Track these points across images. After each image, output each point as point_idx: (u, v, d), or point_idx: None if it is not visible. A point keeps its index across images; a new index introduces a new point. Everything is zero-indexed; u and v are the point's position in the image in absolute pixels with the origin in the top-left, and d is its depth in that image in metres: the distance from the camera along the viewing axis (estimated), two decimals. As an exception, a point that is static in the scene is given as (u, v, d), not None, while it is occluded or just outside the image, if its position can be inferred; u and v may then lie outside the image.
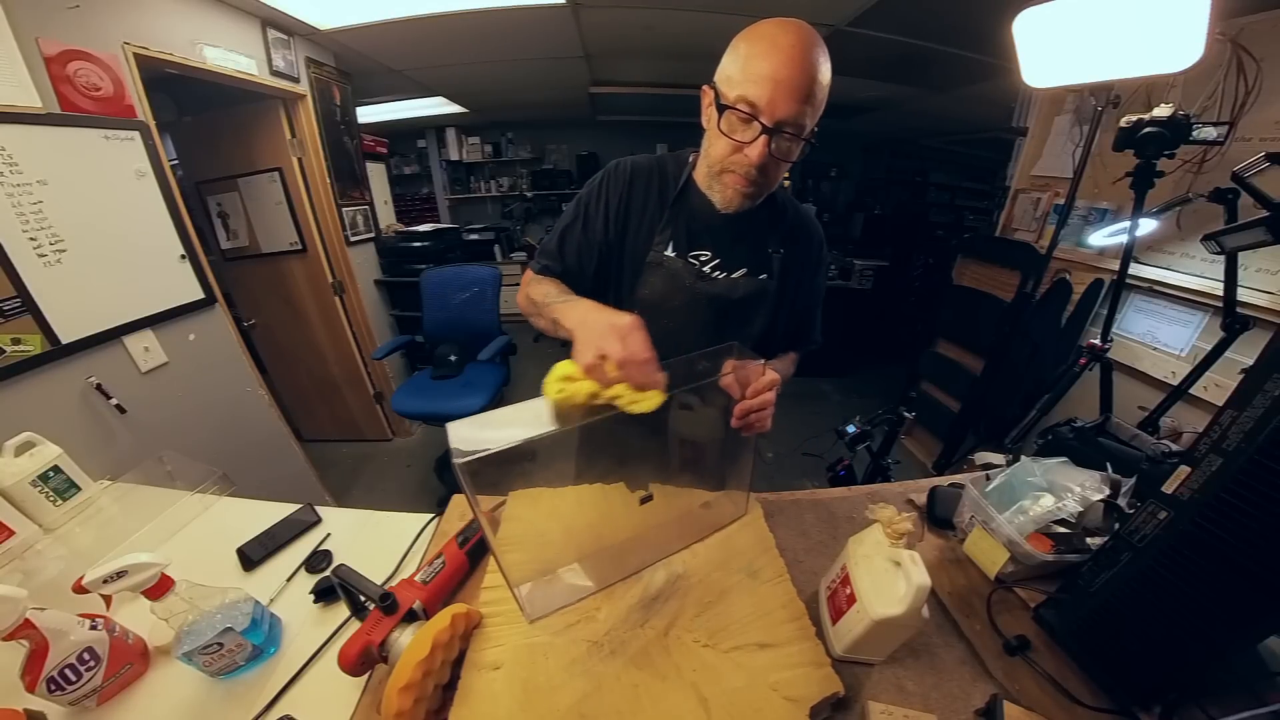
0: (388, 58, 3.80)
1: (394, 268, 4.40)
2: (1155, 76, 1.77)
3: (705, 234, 1.27)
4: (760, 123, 1.00)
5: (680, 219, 1.26)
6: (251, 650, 0.97)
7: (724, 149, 1.09)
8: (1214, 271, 2.18)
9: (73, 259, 1.93)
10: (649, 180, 1.27)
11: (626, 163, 1.29)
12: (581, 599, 1.02)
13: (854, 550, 0.96)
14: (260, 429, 2.93)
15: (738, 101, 1.01)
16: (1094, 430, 1.44)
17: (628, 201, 1.27)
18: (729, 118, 1.04)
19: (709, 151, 1.15)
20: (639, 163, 1.29)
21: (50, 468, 1.36)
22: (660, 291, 1.27)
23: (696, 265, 1.27)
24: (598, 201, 1.27)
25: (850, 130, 6.96)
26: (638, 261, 1.28)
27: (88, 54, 1.99)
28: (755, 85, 0.98)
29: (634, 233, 1.28)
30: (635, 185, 1.27)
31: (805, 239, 1.36)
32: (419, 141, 7.14)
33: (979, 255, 3.77)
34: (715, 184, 1.16)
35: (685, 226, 1.26)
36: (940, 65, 3.73)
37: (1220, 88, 2.22)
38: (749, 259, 1.29)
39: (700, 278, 1.27)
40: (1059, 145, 3.09)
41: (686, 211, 1.26)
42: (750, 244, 1.29)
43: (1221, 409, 0.77)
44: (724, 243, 1.27)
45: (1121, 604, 0.87)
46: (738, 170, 1.09)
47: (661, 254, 1.26)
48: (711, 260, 1.27)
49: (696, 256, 1.27)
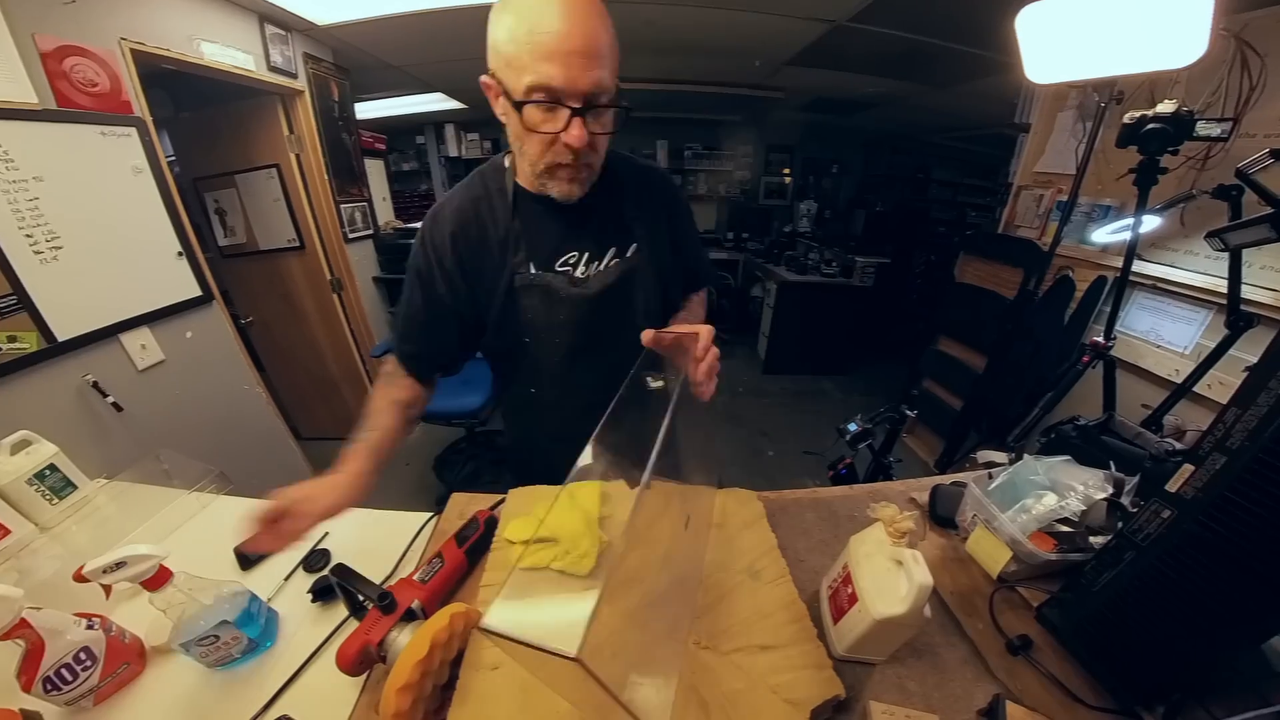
0: (386, 53, 3.80)
1: (393, 265, 4.40)
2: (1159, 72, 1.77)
3: (561, 235, 1.20)
4: (568, 107, 0.91)
5: (529, 233, 1.18)
6: (247, 643, 0.97)
7: (539, 145, 1.00)
8: (1218, 269, 2.19)
9: (69, 256, 1.94)
10: (476, 212, 1.18)
11: (443, 210, 1.19)
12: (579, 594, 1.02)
13: (855, 549, 0.96)
14: (258, 427, 2.94)
15: (532, 92, 0.90)
16: (1097, 428, 1.43)
17: (462, 248, 1.17)
18: (530, 113, 0.93)
19: (525, 151, 1.04)
20: (455, 203, 1.19)
21: (46, 466, 1.35)
22: (544, 312, 1.21)
23: (569, 272, 1.21)
24: (429, 267, 1.18)
25: (852, 126, 6.95)
26: (505, 295, 1.20)
27: (84, 50, 1.99)
28: (546, 65, 0.87)
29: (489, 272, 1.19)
30: (464, 229, 1.17)
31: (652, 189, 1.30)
32: (418, 138, 7.12)
33: (981, 252, 3.77)
34: (549, 181, 1.07)
35: (538, 238, 1.19)
36: (942, 61, 3.72)
37: (1224, 83, 2.22)
38: (614, 237, 1.23)
39: (575, 284, 1.21)
40: (1062, 141, 3.09)
41: (531, 222, 1.18)
42: (607, 222, 1.23)
43: (1225, 407, 0.76)
44: (584, 234, 1.21)
45: (1125, 603, 0.87)
46: (564, 160, 1.01)
47: (528, 275, 1.18)
48: (580, 258, 1.21)
49: (565, 262, 1.21)
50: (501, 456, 4.05)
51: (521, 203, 1.17)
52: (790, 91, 5.15)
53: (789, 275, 5.52)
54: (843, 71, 4.28)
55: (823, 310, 5.52)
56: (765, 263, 6.13)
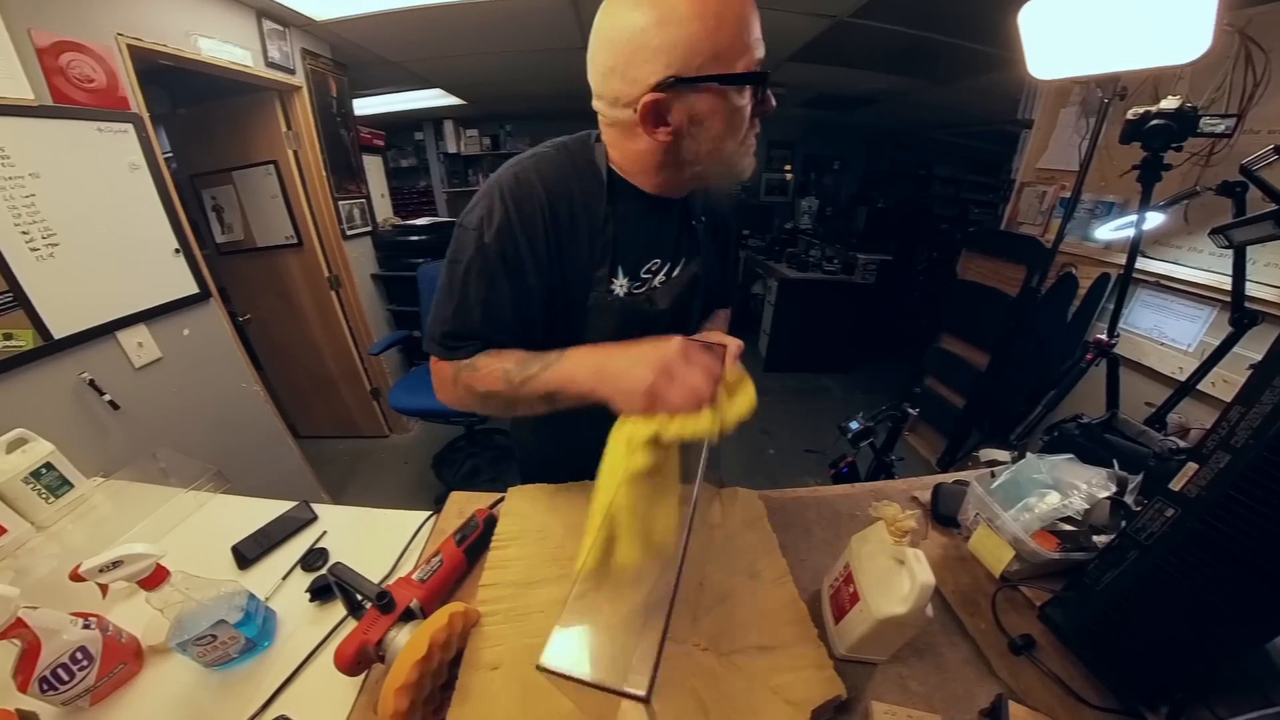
0: (385, 49, 3.78)
1: (391, 262, 4.39)
2: (1162, 68, 1.76)
3: (648, 239, 1.09)
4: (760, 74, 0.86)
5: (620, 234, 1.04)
6: (244, 643, 0.97)
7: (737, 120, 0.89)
8: (1222, 266, 2.18)
9: (65, 253, 1.93)
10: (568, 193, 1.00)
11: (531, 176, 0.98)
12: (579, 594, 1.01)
13: (857, 548, 0.96)
14: (255, 425, 2.93)
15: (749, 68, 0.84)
16: (1100, 426, 1.43)
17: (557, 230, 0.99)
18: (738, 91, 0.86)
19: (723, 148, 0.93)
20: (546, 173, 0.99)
21: (42, 465, 1.35)
22: (611, 328, 1.08)
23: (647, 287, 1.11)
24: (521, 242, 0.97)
25: (853, 122, 6.94)
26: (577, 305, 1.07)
27: (81, 45, 1.98)
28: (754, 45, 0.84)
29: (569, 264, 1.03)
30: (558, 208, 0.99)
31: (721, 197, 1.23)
32: (416, 134, 7.10)
33: (984, 249, 3.77)
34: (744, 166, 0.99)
35: (629, 240, 1.05)
36: (945, 56, 3.72)
37: (1228, 79, 2.22)
38: (688, 243, 1.16)
39: (651, 299, 1.11)
40: (1065, 138, 3.08)
41: (624, 221, 1.03)
42: (685, 224, 1.15)
43: (1230, 405, 0.76)
44: (667, 238, 1.12)
45: (1128, 603, 0.87)
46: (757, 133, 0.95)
47: (606, 292, 1.06)
48: (662, 267, 1.12)
49: (649, 270, 1.10)
50: (500, 454, 4.07)
51: (618, 195, 1.02)
52: (791, 87, 5.13)
53: (790, 272, 5.52)
54: (844, 67, 4.27)
55: (824, 307, 5.51)
56: (766, 260, 6.13)
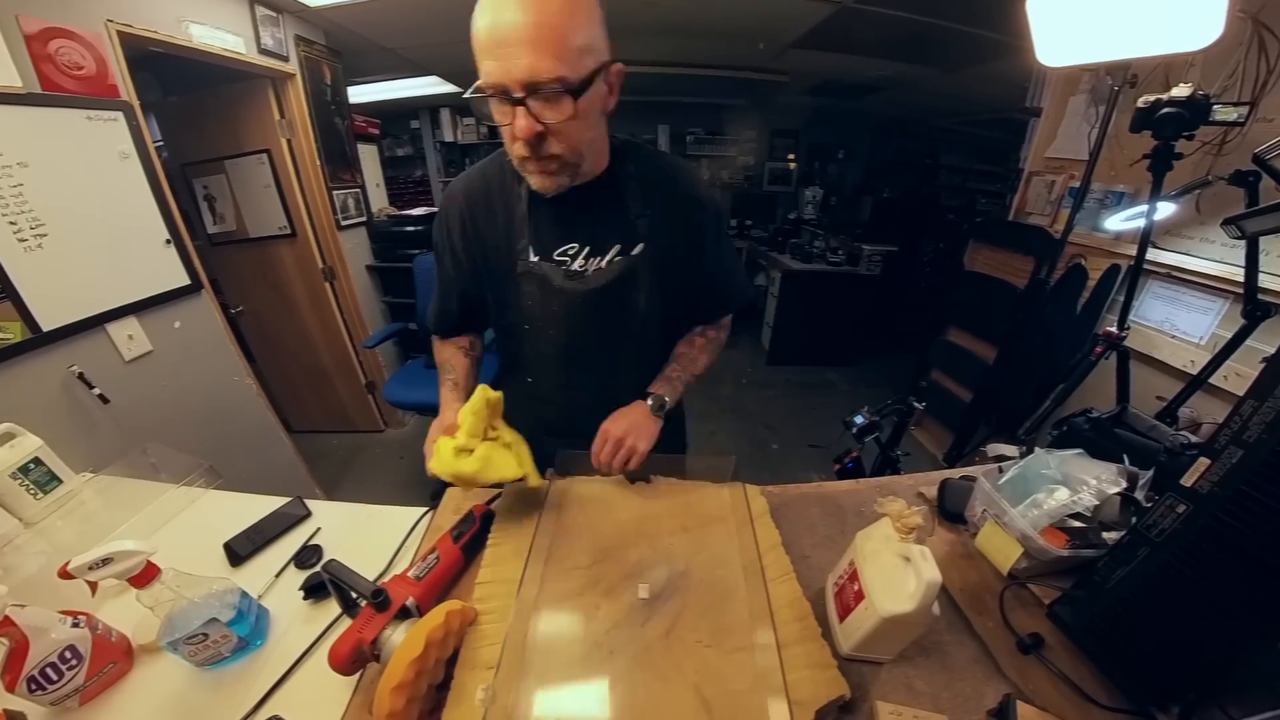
0: (380, 35, 3.78)
1: (386, 252, 4.39)
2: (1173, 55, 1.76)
3: (559, 228, 1.22)
4: (512, 97, 0.91)
5: (535, 219, 1.22)
6: (237, 642, 0.97)
7: (507, 141, 1.02)
8: (1234, 257, 2.18)
9: (54, 244, 1.93)
10: (486, 192, 1.24)
11: (457, 185, 1.29)
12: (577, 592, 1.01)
13: (862, 545, 0.95)
14: (248, 420, 2.93)
15: (484, 89, 0.93)
16: (1110, 421, 1.43)
17: (474, 224, 1.26)
18: (491, 105, 0.96)
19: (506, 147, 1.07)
20: (470, 180, 1.27)
21: (30, 460, 1.35)
22: (539, 300, 1.26)
23: (566, 264, 1.23)
24: (445, 238, 1.31)
25: (858, 110, 6.91)
26: (508, 278, 1.27)
27: (70, 32, 1.97)
28: (488, 59, 0.89)
29: (493, 251, 1.27)
30: (475, 205, 1.25)
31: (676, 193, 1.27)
32: (412, 122, 7.09)
33: (991, 240, 3.77)
34: (527, 176, 1.09)
35: (542, 226, 1.22)
36: (951, 43, 3.70)
37: (1240, 67, 2.20)
38: (618, 234, 1.23)
39: (570, 276, 1.23)
40: (1074, 126, 3.07)
41: (538, 209, 1.21)
42: (610, 217, 1.22)
43: (1242, 399, 0.76)
44: (586, 227, 1.22)
45: (1139, 601, 0.87)
46: (525, 154, 1.01)
47: (527, 263, 1.23)
48: (580, 251, 1.23)
49: (564, 253, 1.23)
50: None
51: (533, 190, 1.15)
52: (795, 75, 5.12)
53: (794, 264, 5.52)
54: (849, 54, 4.26)
55: (828, 300, 5.51)
56: (769, 251, 6.13)
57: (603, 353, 1.33)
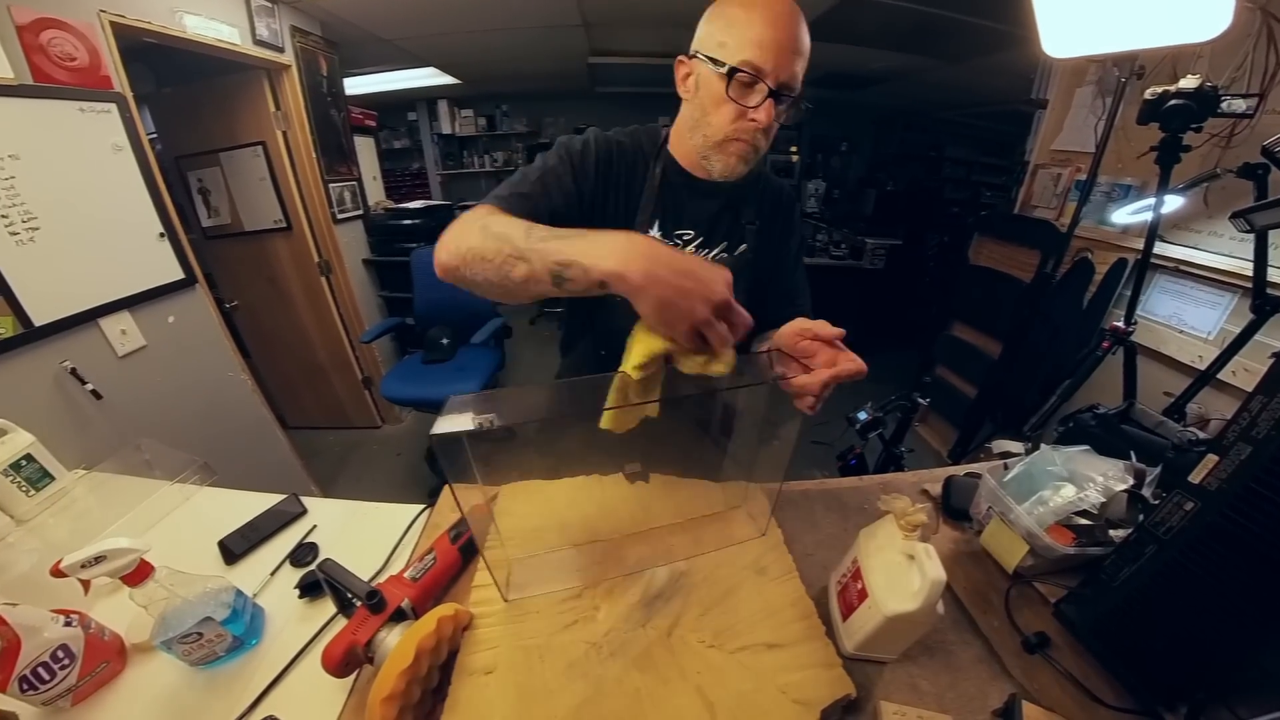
0: (377, 26, 3.77)
1: (383, 246, 4.38)
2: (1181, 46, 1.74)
3: (686, 211, 1.27)
4: (766, 85, 1.02)
5: (664, 198, 1.25)
6: (232, 641, 0.97)
7: (728, 116, 1.07)
8: (1243, 251, 2.17)
9: (46, 237, 1.93)
10: (624, 157, 1.24)
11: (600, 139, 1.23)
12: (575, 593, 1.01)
13: (865, 543, 0.95)
14: (243, 416, 2.93)
15: (743, 66, 1.01)
16: (1117, 417, 1.43)
17: (606, 178, 1.23)
18: (737, 82, 1.03)
19: (708, 121, 1.11)
20: (613, 140, 1.25)
21: (22, 456, 1.34)
22: None
23: (680, 246, 1.26)
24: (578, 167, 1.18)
25: (862, 102, 6.89)
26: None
27: (62, 22, 1.97)
28: (757, 49, 1.00)
29: (610, 213, 1.24)
30: (616, 162, 1.24)
31: (780, 205, 1.39)
32: (409, 114, 7.09)
33: (996, 234, 3.75)
34: (716, 154, 1.13)
35: (669, 204, 1.26)
36: (956, 34, 3.70)
37: (1249, 58, 2.19)
38: (728, 233, 1.31)
39: None
40: (1080, 118, 3.06)
41: (669, 191, 1.25)
42: (728, 217, 1.31)
43: (1251, 395, 0.76)
44: (704, 219, 1.29)
45: (1146, 599, 0.86)
46: (744, 137, 1.09)
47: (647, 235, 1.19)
48: (694, 240, 1.29)
49: (680, 236, 1.27)
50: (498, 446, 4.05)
51: (668, 169, 1.25)
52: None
53: (796, 258, 5.48)
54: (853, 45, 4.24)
55: (831, 294, 5.45)
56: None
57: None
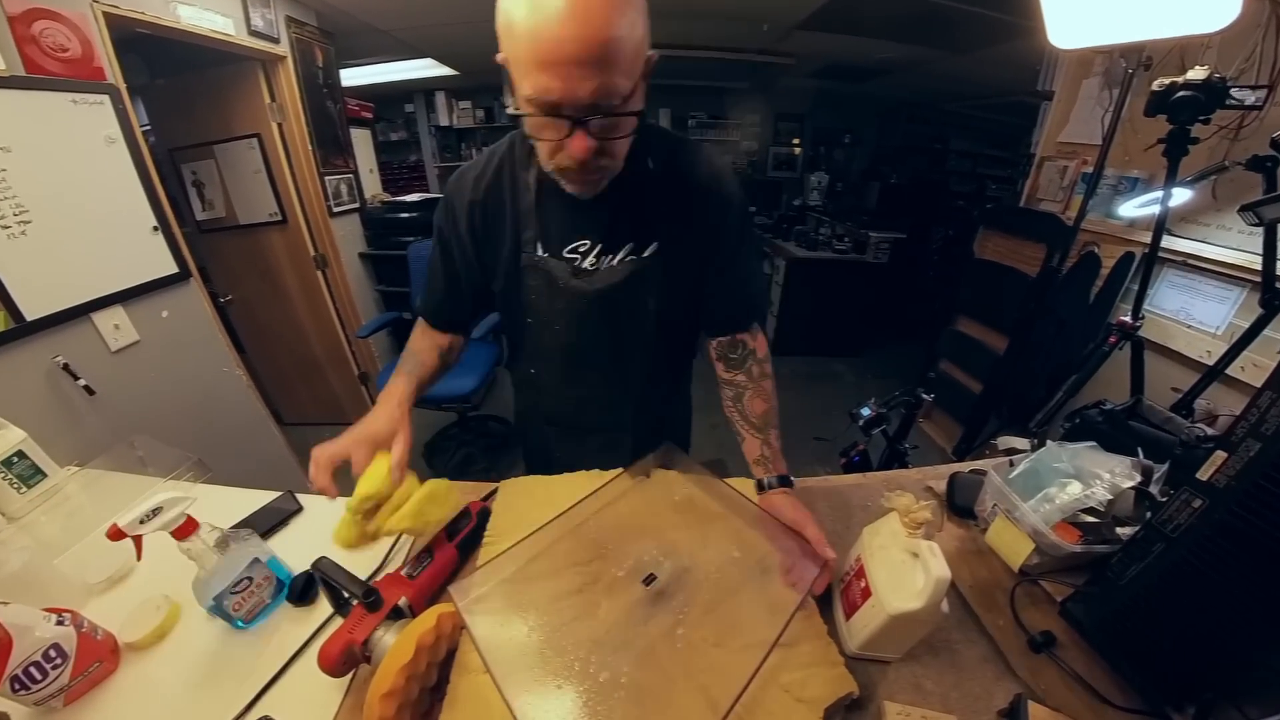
0: (373, 16, 3.76)
1: (380, 240, 4.39)
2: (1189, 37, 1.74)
3: (575, 222, 1.17)
4: (566, 117, 0.86)
5: (543, 213, 1.17)
6: (276, 585, 1.03)
7: (545, 151, 0.97)
8: (1252, 244, 2.16)
9: (38, 231, 1.92)
10: (497, 183, 1.19)
11: (465, 171, 1.23)
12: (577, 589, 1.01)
13: (869, 541, 0.95)
14: (238, 412, 2.93)
15: (529, 104, 0.86)
16: (1124, 413, 1.43)
17: (478, 217, 1.21)
18: (530, 121, 0.90)
19: (538, 149, 1.01)
20: (478, 166, 1.21)
21: (14, 453, 1.34)
22: (545, 295, 1.23)
23: (574, 261, 1.19)
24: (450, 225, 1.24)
25: (865, 94, 6.91)
26: (512, 271, 1.23)
27: (54, 13, 1.97)
28: (543, 75, 0.81)
29: (501, 244, 1.22)
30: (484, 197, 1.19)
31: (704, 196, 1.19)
32: (407, 106, 7.08)
33: (1002, 227, 3.75)
34: (563, 180, 1.04)
35: (552, 219, 1.17)
36: (961, 25, 3.69)
37: (1259, 49, 2.18)
38: (631, 234, 1.18)
39: (576, 274, 1.19)
40: (1087, 110, 3.05)
41: (549, 202, 1.16)
42: (626, 216, 1.17)
43: (1260, 390, 0.76)
44: (600, 225, 1.17)
45: (1154, 598, 0.86)
46: (572, 167, 0.96)
47: (533, 256, 1.19)
48: (592, 249, 1.18)
49: (574, 249, 1.18)
50: (494, 442, 4.13)
51: (543, 182, 1.13)
52: (800, 57, 5.11)
53: (799, 251, 5.50)
54: (856, 36, 4.25)
55: (834, 288, 5.49)
56: (774, 238, 6.11)
57: (607, 352, 1.31)
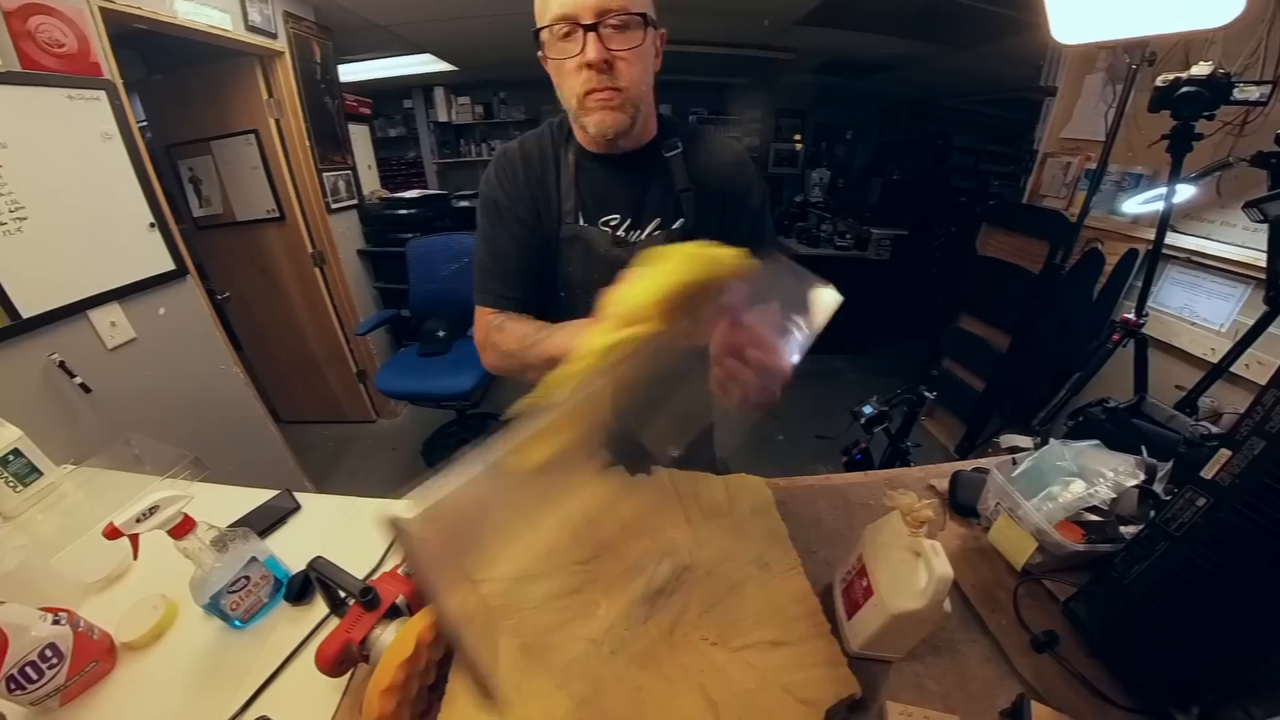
0: (372, 12, 3.75)
1: (378, 237, 4.38)
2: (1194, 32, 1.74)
3: (609, 195, 1.25)
4: (581, 26, 0.98)
5: (581, 185, 1.24)
6: (274, 584, 1.02)
7: (569, 75, 1.06)
8: (1256, 241, 2.16)
9: (34, 228, 1.92)
10: (541, 155, 1.25)
11: (512, 150, 1.27)
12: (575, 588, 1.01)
13: (871, 540, 0.95)
14: (235, 410, 2.93)
15: (552, 22, 1.00)
16: (1128, 411, 1.42)
17: (528, 183, 1.25)
18: (552, 43, 1.03)
19: (564, 91, 1.11)
20: (524, 142, 1.28)
21: (9, 451, 1.34)
22: (582, 266, 1.26)
23: (610, 231, 1.25)
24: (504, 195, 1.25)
25: (867, 90, 6.88)
26: (549, 243, 1.27)
27: (50, 8, 1.96)
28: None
29: (546, 214, 1.26)
30: (529, 165, 1.25)
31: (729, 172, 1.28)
32: (405, 102, 7.05)
33: (1005, 224, 3.75)
34: (584, 117, 1.10)
35: (588, 191, 1.24)
36: (963, 20, 3.69)
37: (1263, 44, 2.18)
38: (660, 207, 1.25)
39: (616, 244, 1.24)
40: (1090, 106, 3.05)
41: (585, 176, 1.24)
42: (657, 191, 1.25)
43: (1265, 388, 0.75)
44: (630, 199, 1.25)
45: (1157, 597, 0.86)
46: (592, 86, 1.05)
47: (575, 226, 1.24)
48: (622, 223, 1.25)
49: (607, 222, 1.25)
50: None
51: (580, 156, 1.23)
52: (801, 52, 5.10)
53: (800, 248, 5.50)
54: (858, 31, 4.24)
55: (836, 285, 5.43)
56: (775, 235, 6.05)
57: None
